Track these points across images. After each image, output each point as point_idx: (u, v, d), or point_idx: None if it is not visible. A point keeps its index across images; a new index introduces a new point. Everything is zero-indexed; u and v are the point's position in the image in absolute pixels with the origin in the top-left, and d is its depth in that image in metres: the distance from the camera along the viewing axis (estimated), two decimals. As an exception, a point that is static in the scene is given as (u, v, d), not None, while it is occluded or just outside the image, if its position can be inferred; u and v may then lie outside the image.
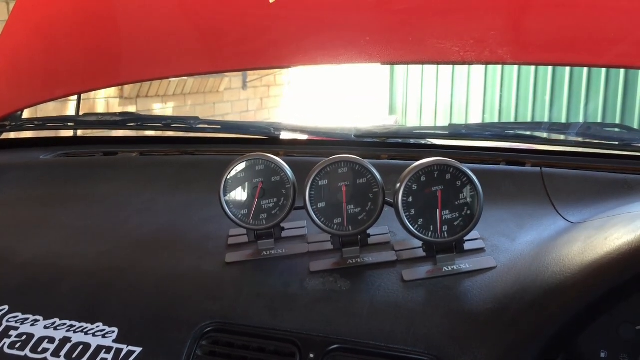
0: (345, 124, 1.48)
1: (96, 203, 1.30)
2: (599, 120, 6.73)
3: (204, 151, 1.54)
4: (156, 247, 1.09)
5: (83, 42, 1.64)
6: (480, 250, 0.96)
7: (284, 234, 1.04)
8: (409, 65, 7.67)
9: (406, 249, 0.98)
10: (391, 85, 8.04)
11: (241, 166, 1.02)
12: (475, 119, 7.38)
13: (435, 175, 0.91)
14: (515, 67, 6.99)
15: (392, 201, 0.93)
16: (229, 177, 1.01)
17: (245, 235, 1.04)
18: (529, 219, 1.04)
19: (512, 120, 7.09)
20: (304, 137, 1.52)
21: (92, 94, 4.86)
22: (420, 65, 7.56)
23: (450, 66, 7.31)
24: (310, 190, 0.96)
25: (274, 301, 0.92)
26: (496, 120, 7.20)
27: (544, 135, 1.29)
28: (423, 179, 0.92)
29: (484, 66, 7.12)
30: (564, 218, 1.03)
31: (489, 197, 1.08)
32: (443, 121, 7.59)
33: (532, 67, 6.82)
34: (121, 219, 1.20)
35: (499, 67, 7.13)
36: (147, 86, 5.23)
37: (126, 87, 5.03)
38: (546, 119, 7.07)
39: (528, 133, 1.29)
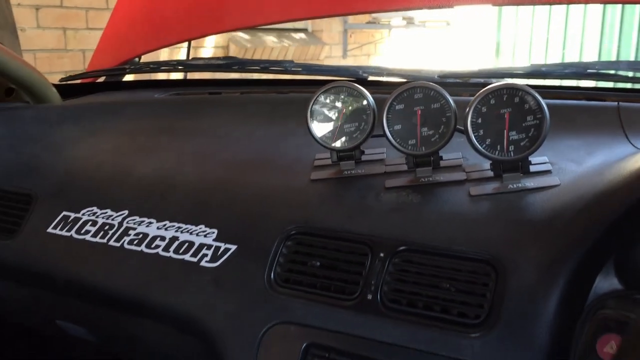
0: (430, 67, 1.54)
1: (202, 134, 1.46)
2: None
3: (297, 91, 1.66)
4: (251, 167, 1.23)
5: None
6: (546, 173, 1.01)
7: (364, 157, 1.14)
8: (519, 8, 7.48)
9: (476, 170, 1.06)
10: (498, 29, 7.85)
11: (327, 93, 1.12)
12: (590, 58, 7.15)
13: (504, 99, 0.98)
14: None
15: (462, 128, 1.01)
16: (316, 101, 1.12)
17: (330, 159, 1.15)
18: (600, 146, 1.07)
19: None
20: (391, 79, 1.60)
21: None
22: (531, 6, 7.34)
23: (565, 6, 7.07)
24: (387, 113, 1.05)
25: (351, 210, 1.03)
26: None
27: (626, 73, 1.29)
28: (492, 101, 0.98)
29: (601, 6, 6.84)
30: (635, 147, 1.06)
31: (563, 128, 1.13)
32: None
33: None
34: (222, 146, 1.36)
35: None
36: (251, 54, 5.43)
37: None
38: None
39: (609, 71, 1.29)
